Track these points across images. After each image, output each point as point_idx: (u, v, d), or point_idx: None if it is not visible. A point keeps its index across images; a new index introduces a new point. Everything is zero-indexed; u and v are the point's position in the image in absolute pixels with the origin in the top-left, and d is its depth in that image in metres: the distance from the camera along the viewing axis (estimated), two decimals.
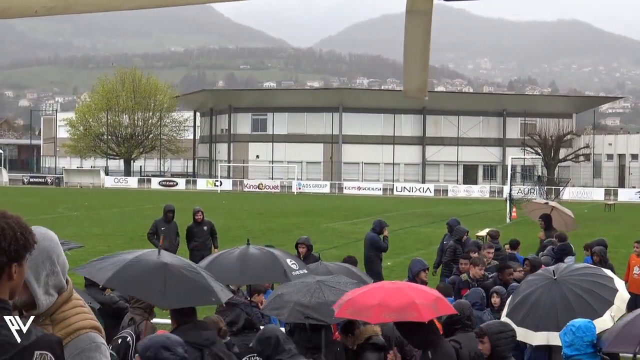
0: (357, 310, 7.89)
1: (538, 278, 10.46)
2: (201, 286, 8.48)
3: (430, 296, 8.04)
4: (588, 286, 10.03)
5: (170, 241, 23.09)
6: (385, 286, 8.17)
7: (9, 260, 3.71)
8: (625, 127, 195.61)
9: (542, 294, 9.86)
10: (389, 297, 7.72)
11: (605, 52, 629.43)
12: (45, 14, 3.54)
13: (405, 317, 7.53)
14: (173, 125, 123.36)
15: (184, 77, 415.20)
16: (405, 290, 7.95)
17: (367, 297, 7.91)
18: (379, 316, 7.72)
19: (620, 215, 62.81)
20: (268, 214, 57.18)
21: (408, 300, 7.64)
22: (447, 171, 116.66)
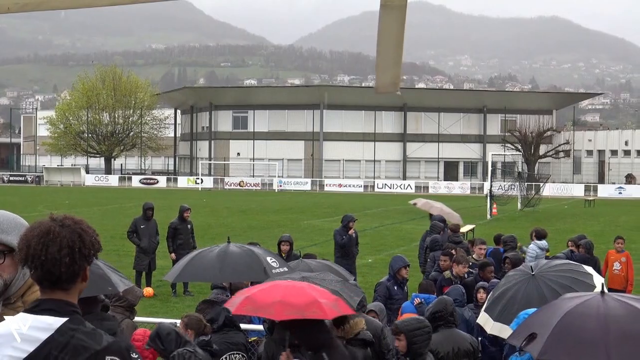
0: (257, 307, 7.74)
1: (517, 274, 10.49)
2: (97, 276, 8.42)
3: (330, 296, 7.93)
4: (565, 282, 10.06)
5: (149, 239, 23.05)
6: (283, 284, 8.01)
7: (88, 264, 3.84)
8: (604, 123, 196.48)
9: (519, 290, 9.89)
10: (290, 295, 7.60)
11: (585, 49, 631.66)
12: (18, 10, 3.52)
13: (308, 315, 7.38)
14: (154, 123, 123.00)
15: (165, 74, 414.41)
16: (306, 289, 7.82)
17: (266, 295, 7.76)
18: (282, 313, 7.56)
19: (600, 211, 63.04)
20: (249, 211, 57.13)
21: (311, 299, 7.52)
22: (427, 168, 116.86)
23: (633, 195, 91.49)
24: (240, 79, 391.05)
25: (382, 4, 3.20)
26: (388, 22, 3.14)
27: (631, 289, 19.58)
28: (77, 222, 3.88)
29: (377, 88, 3.50)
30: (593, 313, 6.05)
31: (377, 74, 3.44)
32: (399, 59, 3.36)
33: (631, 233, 39.67)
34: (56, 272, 3.76)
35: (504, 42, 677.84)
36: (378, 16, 3.15)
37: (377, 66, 3.44)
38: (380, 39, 3.31)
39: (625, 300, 6.26)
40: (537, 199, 67.29)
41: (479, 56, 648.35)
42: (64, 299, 3.81)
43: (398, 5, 3.10)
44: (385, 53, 3.38)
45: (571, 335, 5.96)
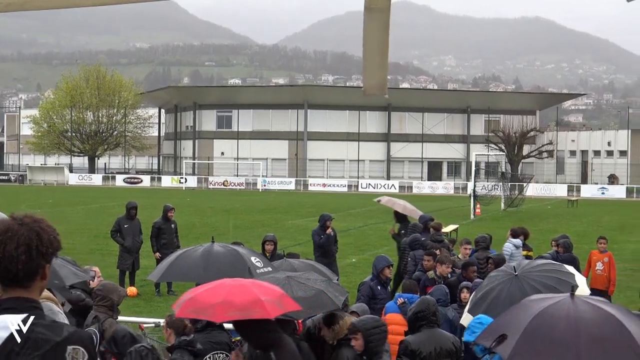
0: (199, 308, 7.54)
1: (500, 274, 10.53)
2: None
3: (275, 293, 7.78)
4: (548, 282, 10.11)
5: (133, 238, 23.04)
6: (227, 283, 7.80)
7: (46, 262, 3.87)
8: (587, 124, 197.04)
9: (502, 290, 9.93)
10: (232, 295, 7.42)
11: (568, 50, 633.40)
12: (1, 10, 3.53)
13: (250, 315, 7.23)
14: (137, 122, 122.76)
15: (149, 73, 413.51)
16: (249, 287, 7.65)
17: (209, 295, 7.57)
18: (223, 314, 7.39)
19: (583, 211, 63.27)
20: (233, 210, 57.10)
21: (253, 297, 7.35)
22: (411, 168, 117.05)
23: (616, 195, 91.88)
24: (225, 79, 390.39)
25: (366, 6, 3.23)
26: (372, 25, 3.17)
27: (613, 289, 19.69)
28: (36, 221, 3.92)
29: (364, 91, 3.54)
30: (563, 315, 6.07)
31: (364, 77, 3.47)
32: (385, 62, 3.39)
33: (614, 233, 39.86)
34: (13, 270, 3.80)
35: (488, 43, 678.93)
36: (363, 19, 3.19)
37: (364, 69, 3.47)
38: (366, 42, 3.34)
39: (594, 303, 6.30)
40: (521, 199, 67.52)
41: (463, 56, 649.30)
42: (24, 296, 3.86)
43: (382, 8, 3.13)
44: (371, 56, 3.41)
45: (542, 337, 5.98)
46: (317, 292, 9.44)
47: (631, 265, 30.47)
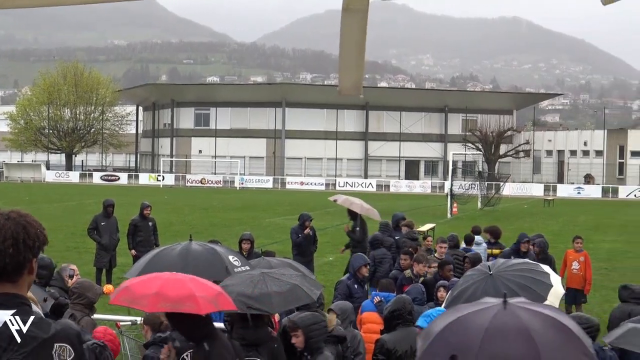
0: (132, 298, 7.51)
1: (475, 273, 10.54)
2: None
3: (212, 291, 7.73)
4: (522, 281, 10.14)
5: (110, 236, 23.00)
6: (164, 276, 7.73)
7: (33, 256, 3.89)
8: (564, 124, 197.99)
9: (476, 289, 9.94)
10: (167, 287, 7.41)
11: (546, 50, 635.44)
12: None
13: (182, 309, 7.21)
14: (115, 119, 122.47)
15: (127, 71, 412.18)
16: (185, 282, 7.62)
17: (144, 286, 7.56)
18: (154, 305, 7.37)
19: (559, 211, 63.57)
20: (210, 209, 57.04)
21: (187, 292, 7.35)
22: (389, 166, 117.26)
23: (591, 195, 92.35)
24: (203, 76, 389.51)
25: (344, 7, 3.26)
26: (350, 25, 3.19)
27: (589, 288, 19.82)
28: (22, 215, 3.95)
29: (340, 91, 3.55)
30: (513, 329, 5.96)
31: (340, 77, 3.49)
32: (361, 63, 3.41)
33: (589, 233, 40.08)
34: (1, 263, 3.81)
35: (466, 42, 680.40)
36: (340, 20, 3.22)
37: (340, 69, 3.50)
38: (343, 42, 3.37)
39: (529, 308, 6.25)
40: (497, 199, 67.76)
41: (441, 56, 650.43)
42: (12, 291, 3.87)
43: (359, 9, 3.16)
44: (348, 57, 3.43)
45: (503, 357, 5.86)
46: (292, 286, 9.46)
47: (606, 264, 30.66)
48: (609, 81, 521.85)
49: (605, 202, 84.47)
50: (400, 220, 21.67)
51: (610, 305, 22.12)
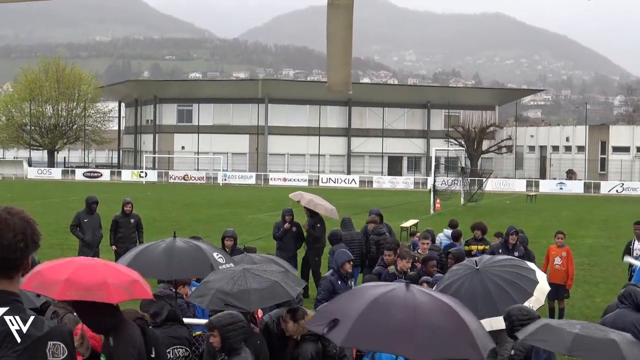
0: (42, 283, 7.05)
1: (461, 268, 10.57)
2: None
3: (126, 278, 7.33)
4: (509, 277, 10.18)
5: (93, 233, 22.94)
6: (78, 261, 7.42)
7: (32, 252, 3.88)
8: (546, 119, 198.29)
9: (463, 284, 9.96)
10: (79, 274, 7.01)
11: (528, 45, 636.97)
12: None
13: (91, 297, 6.82)
14: (97, 115, 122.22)
15: (109, 67, 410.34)
16: (99, 268, 7.25)
17: (56, 271, 7.12)
18: (64, 293, 6.94)
19: (541, 206, 63.77)
20: (193, 205, 56.97)
21: (99, 279, 6.96)
22: (372, 162, 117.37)
23: (573, 190, 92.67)
24: (185, 72, 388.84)
25: (329, 2, 3.25)
26: (336, 21, 3.18)
27: (571, 284, 19.86)
28: (21, 212, 3.94)
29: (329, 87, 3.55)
30: (401, 303, 6.11)
31: (329, 74, 3.49)
32: (349, 58, 3.40)
33: (571, 228, 40.23)
34: (11, 258, 3.79)
35: (448, 38, 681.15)
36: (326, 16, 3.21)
37: (328, 66, 3.49)
38: (330, 39, 3.36)
39: (429, 293, 6.37)
40: (480, 194, 67.94)
41: (423, 52, 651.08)
42: (7, 289, 3.84)
43: (345, 4, 3.15)
44: (335, 53, 3.42)
45: (378, 323, 6.00)
46: (271, 283, 9.46)
47: (588, 259, 30.77)
48: (590, 77, 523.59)
49: (587, 197, 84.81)
50: (375, 217, 21.72)
51: (593, 300, 22.24)
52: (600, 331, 7.55)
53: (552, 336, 7.50)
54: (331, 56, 3.54)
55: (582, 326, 7.60)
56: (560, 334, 7.46)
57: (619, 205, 68.55)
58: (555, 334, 7.49)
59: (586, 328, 7.54)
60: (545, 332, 7.59)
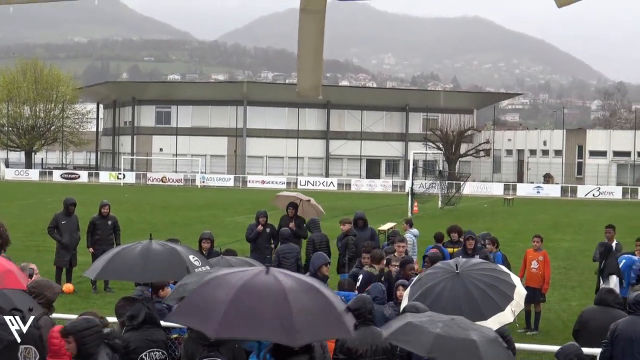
0: None
1: (439, 271, 10.57)
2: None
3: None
4: (489, 281, 10.23)
5: (71, 235, 22.88)
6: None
7: None
8: (524, 123, 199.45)
9: (445, 287, 9.97)
10: None
11: (506, 50, 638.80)
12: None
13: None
14: (75, 117, 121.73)
15: (87, 68, 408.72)
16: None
17: None
18: None
19: (519, 210, 64.02)
20: (171, 207, 56.89)
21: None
22: (350, 165, 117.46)
23: (550, 194, 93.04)
24: (164, 74, 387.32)
25: (302, 7, 3.27)
26: (308, 27, 3.20)
27: (547, 287, 19.97)
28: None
29: (298, 92, 3.57)
30: (268, 288, 6.10)
31: (299, 79, 3.50)
32: (320, 64, 3.42)
33: (548, 232, 40.39)
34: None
35: (427, 42, 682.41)
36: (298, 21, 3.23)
37: (299, 71, 3.51)
38: (301, 44, 3.38)
39: (291, 275, 6.39)
40: (458, 198, 68.13)
41: (402, 55, 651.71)
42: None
43: (317, 10, 3.17)
44: (306, 58, 3.44)
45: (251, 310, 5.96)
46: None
47: (565, 263, 30.93)
48: (568, 81, 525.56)
49: (564, 201, 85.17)
50: (358, 220, 21.78)
51: (569, 304, 22.36)
52: (462, 330, 7.50)
53: (414, 336, 7.44)
54: (302, 61, 3.57)
55: (444, 324, 7.53)
56: (422, 333, 7.42)
57: (595, 209, 68.87)
58: (417, 334, 7.44)
59: (448, 327, 7.48)
60: (408, 331, 7.53)
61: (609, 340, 10.67)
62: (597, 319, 12.10)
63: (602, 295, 12.52)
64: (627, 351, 10.45)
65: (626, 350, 10.46)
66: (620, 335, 10.52)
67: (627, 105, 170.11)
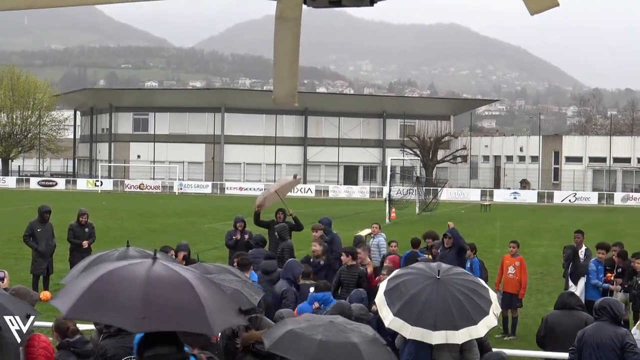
0: None
1: (420, 276, 10.47)
2: None
3: None
4: (471, 286, 10.29)
5: (47, 242, 22.82)
6: None
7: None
8: (500, 129, 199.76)
9: (430, 293, 9.93)
10: None
11: (482, 56, 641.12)
12: None
13: None
14: (53, 124, 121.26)
15: (64, 75, 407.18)
16: None
17: None
18: None
19: (496, 216, 64.23)
20: (149, 214, 56.76)
21: None
22: (327, 172, 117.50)
23: (527, 200, 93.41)
24: (141, 81, 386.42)
25: (278, 15, 3.31)
26: (283, 34, 3.24)
27: (524, 293, 20.07)
28: None
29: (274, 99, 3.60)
30: (132, 276, 6.19)
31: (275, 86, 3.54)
32: (295, 71, 3.45)
33: (525, 237, 40.57)
34: None
35: (403, 48, 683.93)
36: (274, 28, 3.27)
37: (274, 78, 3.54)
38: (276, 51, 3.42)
39: (173, 269, 6.48)
40: (435, 204, 68.30)
41: (379, 62, 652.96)
42: None
43: (293, 17, 3.21)
44: (282, 65, 3.48)
45: (105, 295, 6.05)
46: (232, 291, 9.46)
47: (541, 268, 31.06)
48: (544, 88, 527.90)
49: (541, 207, 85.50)
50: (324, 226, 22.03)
51: (545, 309, 22.47)
52: (342, 333, 7.49)
53: (296, 344, 7.37)
54: (278, 69, 3.61)
55: (324, 329, 7.47)
56: (304, 341, 7.37)
57: (572, 214, 69.19)
58: (299, 342, 7.38)
59: (328, 331, 7.42)
60: (290, 340, 7.46)
61: (576, 347, 10.72)
62: (562, 323, 12.18)
63: (565, 299, 12.59)
64: (594, 357, 10.50)
65: (593, 357, 10.51)
66: (587, 342, 10.57)
67: (603, 112, 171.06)
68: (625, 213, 73.08)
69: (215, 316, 6.10)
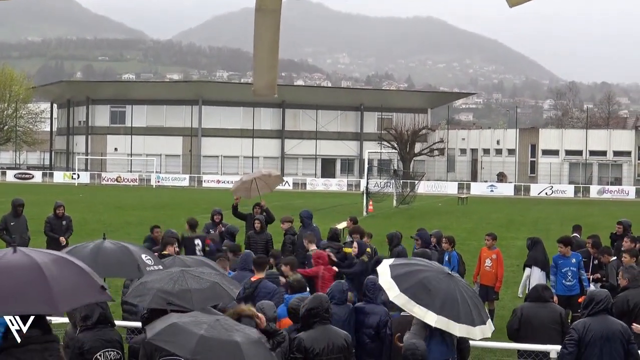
0: None
1: (432, 267, 10.36)
2: None
3: None
4: (471, 292, 10.37)
5: (21, 235, 22.72)
6: None
7: None
8: (477, 123, 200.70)
9: (449, 287, 9.81)
10: None
11: (459, 49, 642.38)
12: None
13: None
14: (29, 116, 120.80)
15: (41, 67, 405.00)
16: None
17: None
18: None
19: (473, 209, 64.39)
20: (126, 207, 56.57)
21: None
22: (305, 164, 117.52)
23: (504, 193, 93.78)
24: (119, 74, 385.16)
25: (257, 7, 3.29)
26: (263, 26, 3.22)
27: (500, 285, 20.08)
28: None
29: (254, 91, 3.58)
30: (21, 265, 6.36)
31: (255, 78, 3.52)
32: (275, 63, 3.43)
33: (502, 230, 40.67)
34: None
35: (381, 41, 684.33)
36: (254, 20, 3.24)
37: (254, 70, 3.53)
38: (256, 43, 3.40)
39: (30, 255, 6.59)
40: (412, 197, 68.40)
41: (356, 54, 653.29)
42: None
43: (272, 9, 3.19)
44: (262, 57, 3.46)
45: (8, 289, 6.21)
46: (212, 284, 9.43)
47: (518, 261, 31.06)
48: (521, 81, 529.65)
49: (518, 199, 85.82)
50: (303, 219, 22.01)
51: (522, 301, 22.53)
52: (225, 331, 7.40)
53: (177, 337, 7.27)
54: (257, 60, 3.58)
55: (209, 325, 7.37)
56: (186, 335, 7.29)
57: (548, 207, 69.49)
58: (180, 335, 7.30)
59: (212, 328, 7.31)
60: (171, 332, 7.37)
61: (576, 340, 10.54)
62: (538, 315, 12.13)
63: (540, 292, 12.48)
64: (605, 350, 10.46)
65: (604, 350, 10.46)
66: (595, 335, 10.46)
67: (579, 105, 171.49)
68: (601, 206, 73.42)
69: (63, 295, 6.20)
